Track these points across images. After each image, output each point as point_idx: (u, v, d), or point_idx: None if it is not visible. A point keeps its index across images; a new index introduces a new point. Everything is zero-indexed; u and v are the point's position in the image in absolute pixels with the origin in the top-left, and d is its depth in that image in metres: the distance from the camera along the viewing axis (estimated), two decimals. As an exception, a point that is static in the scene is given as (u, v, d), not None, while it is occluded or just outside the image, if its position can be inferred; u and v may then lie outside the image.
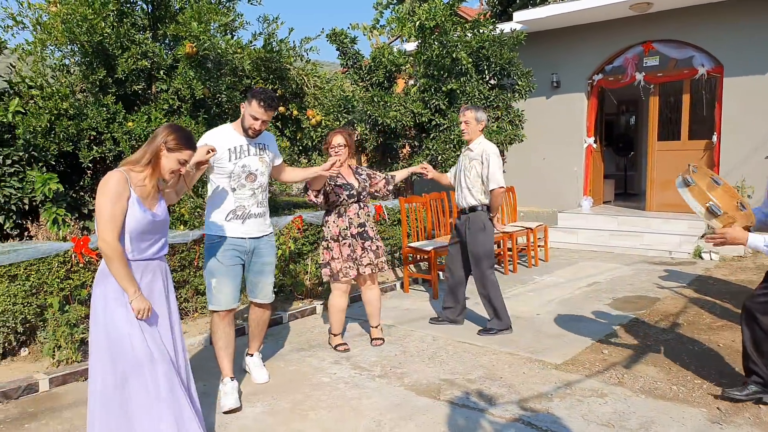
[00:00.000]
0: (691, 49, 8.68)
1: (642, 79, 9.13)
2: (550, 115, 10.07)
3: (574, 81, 9.83)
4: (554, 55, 9.95)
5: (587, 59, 9.68)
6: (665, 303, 5.55)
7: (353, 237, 4.36)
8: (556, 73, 9.95)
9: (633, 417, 3.26)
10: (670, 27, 8.79)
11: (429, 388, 3.73)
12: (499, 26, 9.31)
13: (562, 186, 10.00)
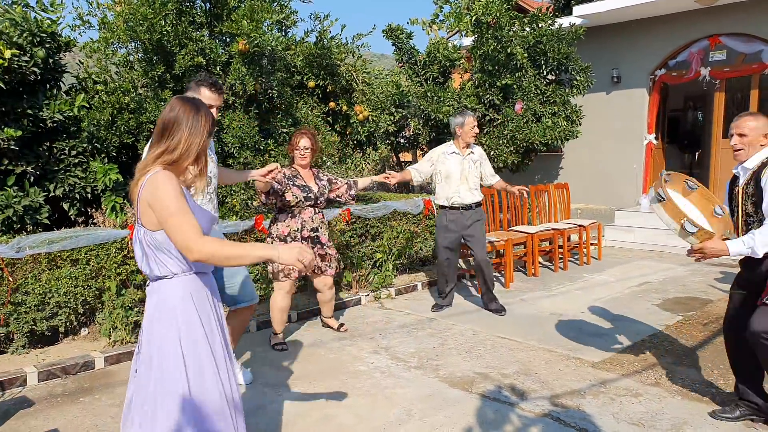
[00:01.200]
0: (761, 42, 8.22)
1: (707, 74, 8.74)
2: (610, 110, 9.80)
3: (635, 76, 9.52)
4: (614, 49, 9.67)
5: (649, 54, 9.35)
6: (717, 305, 5.35)
7: (303, 240, 4.27)
8: (616, 68, 9.67)
9: (665, 417, 3.20)
10: (739, 20, 8.36)
11: (462, 380, 3.79)
12: (558, 20, 9.14)
13: (620, 183, 9.72)
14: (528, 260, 6.86)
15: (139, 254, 1.98)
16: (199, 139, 1.96)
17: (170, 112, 1.95)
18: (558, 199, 8.04)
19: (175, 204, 1.84)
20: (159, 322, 1.94)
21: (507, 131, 8.39)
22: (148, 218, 1.89)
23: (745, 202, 2.97)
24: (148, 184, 1.87)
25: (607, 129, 9.78)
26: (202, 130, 1.96)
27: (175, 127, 1.93)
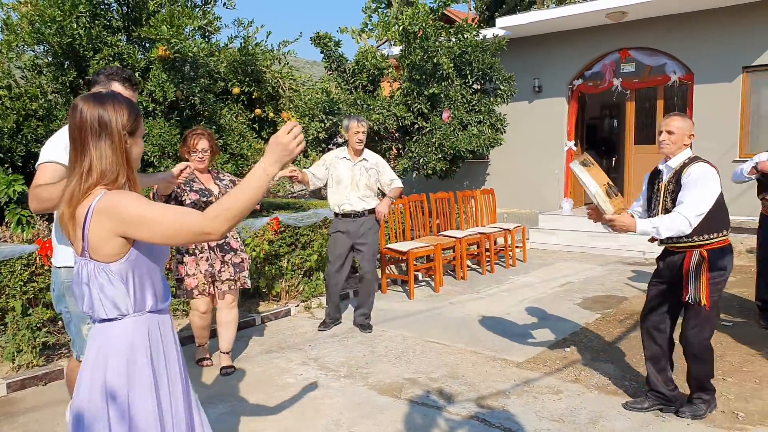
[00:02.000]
0: (664, 56, 8.82)
1: (619, 84, 9.26)
2: (533, 119, 10.18)
3: (556, 86, 9.94)
4: (536, 60, 10.06)
5: (568, 65, 9.79)
6: (632, 302, 5.64)
7: (211, 249, 3.97)
8: (538, 78, 10.06)
9: (583, 412, 3.34)
10: (645, 35, 8.92)
11: (391, 387, 3.80)
12: (483, 32, 9.43)
13: (543, 188, 10.10)
14: (457, 264, 7.00)
15: (81, 295, 1.72)
16: (119, 147, 1.69)
17: (75, 118, 1.67)
18: (485, 204, 8.25)
19: (149, 206, 1.61)
20: (99, 371, 1.67)
21: (435, 139, 8.55)
22: (106, 249, 1.63)
23: (665, 198, 3.19)
24: (100, 212, 1.61)
25: (530, 136, 10.15)
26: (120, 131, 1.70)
27: (87, 137, 1.66)
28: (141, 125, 1.78)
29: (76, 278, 1.73)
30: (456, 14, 15.38)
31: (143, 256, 1.70)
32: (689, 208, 2.95)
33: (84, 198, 1.65)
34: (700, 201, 2.96)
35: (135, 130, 1.75)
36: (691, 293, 3.08)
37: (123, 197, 1.63)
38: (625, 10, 8.44)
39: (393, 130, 9.10)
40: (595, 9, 8.55)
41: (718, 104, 8.38)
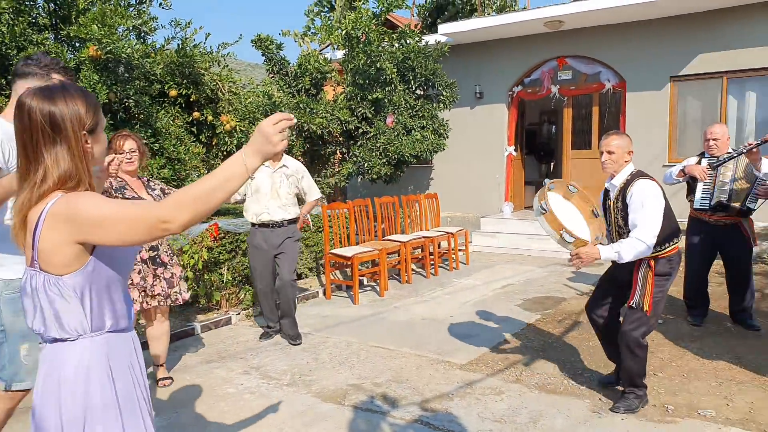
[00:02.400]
0: (598, 65, 9.18)
1: (557, 91, 9.56)
2: (475, 124, 10.36)
3: (496, 92, 10.16)
4: (478, 67, 10.26)
5: (508, 72, 10.03)
6: (570, 303, 5.81)
7: (144, 262, 3.79)
8: (479, 84, 10.26)
9: (524, 412, 3.40)
10: (580, 44, 9.25)
11: (335, 394, 3.76)
12: (425, 38, 9.53)
13: (485, 192, 10.30)
14: (402, 268, 7.03)
15: (31, 309, 1.51)
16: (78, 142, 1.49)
17: (23, 120, 1.46)
18: (429, 208, 8.33)
19: (108, 204, 1.42)
20: (50, 402, 1.48)
21: (379, 143, 8.58)
22: (59, 258, 1.43)
23: (616, 216, 3.37)
24: (55, 215, 1.41)
25: (472, 142, 10.33)
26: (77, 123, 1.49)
27: (39, 142, 1.46)
28: (101, 119, 1.57)
29: (24, 290, 1.52)
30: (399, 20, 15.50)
31: (103, 267, 1.50)
32: (643, 232, 3.12)
33: (38, 202, 1.46)
34: (652, 221, 3.14)
35: (95, 127, 1.53)
36: (636, 299, 3.29)
37: (80, 198, 1.44)
38: (562, 20, 8.72)
39: (337, 134, 9.07)
40: (533, 18, 8.81)
41: (648, 111, 8.78)
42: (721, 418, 3.27)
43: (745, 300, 4.84)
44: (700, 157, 4.88)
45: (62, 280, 1.45)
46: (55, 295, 1.46)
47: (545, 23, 8.87)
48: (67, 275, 1.45)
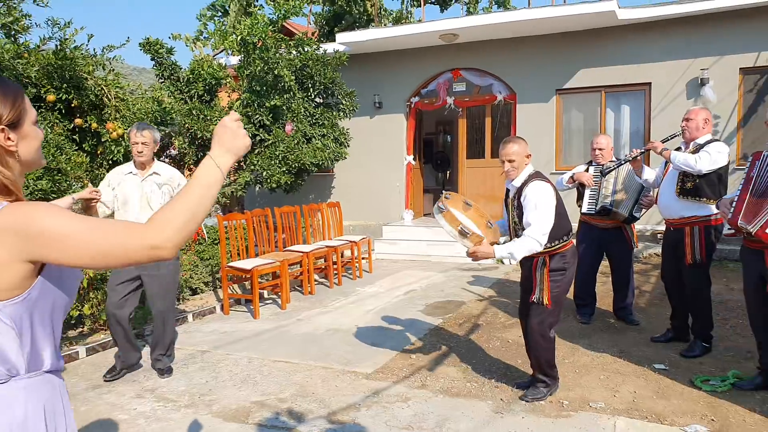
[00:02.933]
0: (491, 77, 9.63)
1: (452, 102, 9.91)
2: (374, 133, 10.47)
3: (395, 102, 10.34)
4: (376, 77, 10.39)
5: (406, 82, 10.24)
6: (470, 306, 6.00)
7: None
8: (378, 94, 10.38)
9: (431, 417, 3.44)
10: (474, 57, 9.66)
11: (238, 413, 3.60)
12: (324, 46, 9.51)
13: (387, 200, 10.42)
14: (304, 279, 6.91)
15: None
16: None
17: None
18: (331, 217, 8.28)
19: (72, 218, 1.17)
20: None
21: (279, 152, 8.42)
22: (2, 282, 1.17)
23: (512, 214, 3.59)
24: (1, 228, 1.16)
25: (372, 150, 10.43)
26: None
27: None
28: (27, 110, 1.29)
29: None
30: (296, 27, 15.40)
31: (48, 293, 1.25)
32: (535, 230, 3.33)
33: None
34: (543, 220, 3.35)
35: (19, 120, 1.26)
36: (537, 294, 3.52)
37: (36, 208, 1.18)
38: (456, 33, 9.04)
39: (234, 143, 8.78)
40: (428, 30, 9.06)
41: (536, 122, 9.31)
42: (610, 409, 3.49)
43: (627, 298, 5.23)
44: (588, 165, 5.23)
45: (4, 307, 1.19)
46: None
47: (440, 36, 9.15)
48: (5, 302, 1.19)
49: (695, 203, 4.23)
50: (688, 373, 3.97)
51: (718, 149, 4.13)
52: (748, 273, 3.62)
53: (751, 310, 3.68)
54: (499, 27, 8.82)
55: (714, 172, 4.15)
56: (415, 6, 15.83)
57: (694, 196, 4.22)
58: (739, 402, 3.51)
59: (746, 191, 3.42)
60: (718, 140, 4.31)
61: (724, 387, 3.70)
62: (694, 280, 4.33)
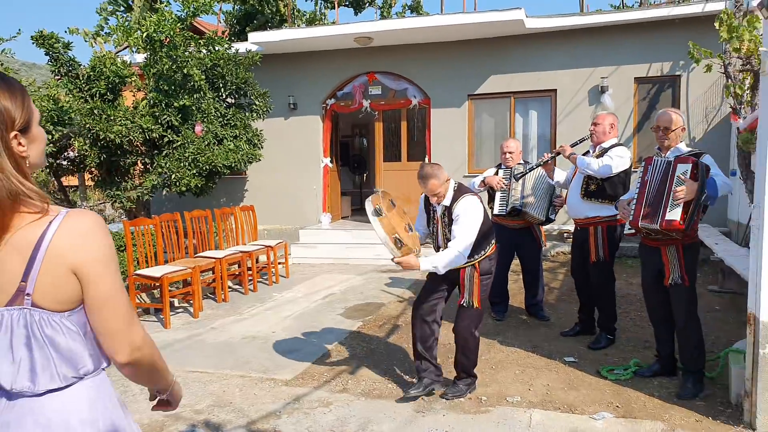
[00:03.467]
0: (405, 81, 9.76)
1: (368, 105, 9.94)
2: (289, 135, 10.31)
3: (310, 104, 10.23)
4: (291, 78, 10.24)
5: (321, 84, 10.17)
6: (389, 307, 6.03)
7: None
8: (293, 95, 10.23)
9: (353, 420, 3.41)
10: (389, 61, 9.75)
11: (151, 428, 3.40)
12: (235, 45, 9.26)
13: (303, 203, 10.28)
14: (217, 286, 6.67)
15: (10, 358, 1.20)
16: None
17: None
18: (245, 221, 8.05)
19: (115, 263, 1.26)
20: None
21: (188, 153, 8.10)
22: (63, 293, 1.20)
23: (444, 230, 3.67)
24: (71, 235, 1.19)
25: (287, 152, 10.26)
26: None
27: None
28: (34, 109, 1.23)
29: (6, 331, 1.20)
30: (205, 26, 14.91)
31: None
32: (459, 243, 3.45)
33: (18, 218, 1.16)
34: (467, 234, 3.47)
35: (29, 122, 1.20)
36: (466, 298, 3.62)
37: (101, 226, 1.23)
38: (371, 36, 9.09)
39: (138, 143, 8.38)
40: (343, 32, 9.05)
41: (450, 127, 9.53)
42: (526, 402, 3.61)
43: (538, 294, 5.46)
44: (497, 168, 5.41)
45: (63, 320, 1.23)
46: (59, 334, 1.22)
47: (355, 39, 9.17)
48: (70, 312, 1.24)
49: (599, 204, 4.49)
50: (595, 364, 4.19)
51: (620, 154, 4.41)
52: (646, 269, 3.88)
53: (649, 304, 3.95)
54: (412, 32, 8.95)
55: (616, 175, 4.42)
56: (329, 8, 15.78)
57: (598, 198, 4.48)
58: (640, 388, 3.75)
59: (643, 194, 3.66)
60: (622, 145, 4.60)
61: (626, 375, 3.95)
62: (598, 276, 4.60)
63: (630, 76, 8.72)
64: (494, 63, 9.25)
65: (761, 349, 3.13)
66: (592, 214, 4.54)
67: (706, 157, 3.57)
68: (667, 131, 3.70)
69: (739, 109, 6.54)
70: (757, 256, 3.17)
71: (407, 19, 9.63)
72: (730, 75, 6.56)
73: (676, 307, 3.68)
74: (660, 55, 8.55)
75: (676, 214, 3.41)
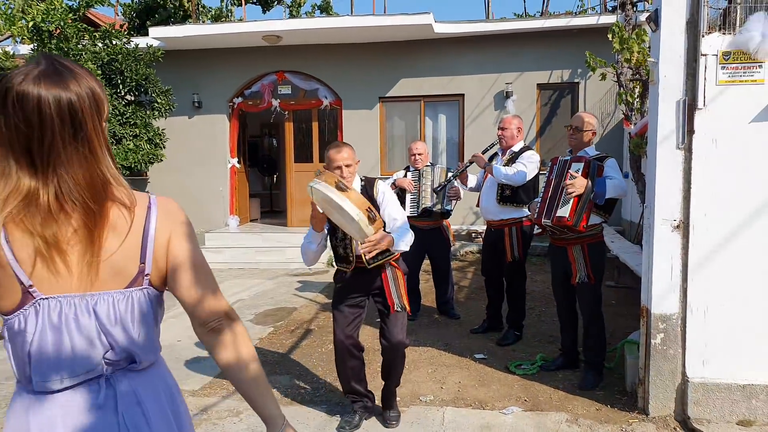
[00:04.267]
0: (316, 82, 9.67)
1: (277, 105, 9.74)
2: (194, 135, 9.90)
3: (216, 102, 9.88)
4: (196, 75, 9.84)
5: (228, 82, 9.84)
6: (301, 312, 5.91)
7: None
8: (197, 93, 9.84)
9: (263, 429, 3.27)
10: (299, 60, 9.61)
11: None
12: (135, 40, 8.76)
13: (209, 206, 9.90)
14: (117, 294, 6.25)
15: (135, 335, 1.25)
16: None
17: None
18: (146, 225, 7.62)
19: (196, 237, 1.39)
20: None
21: (84, 152, 7.55)
22: (163, 272, 1.28)
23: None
24: (167, 217, 1.30)
25: (192, 153, 9.86)
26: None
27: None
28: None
29: (109, 308, 1.22)
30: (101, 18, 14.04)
31: None
32: (403, 219, 3.19)
33: (113, 205, 1.21)
34: (401, 211, 3.25)
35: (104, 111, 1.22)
36: (396, 301, 3.20)
37: (181, 208, 1.39)
38: (280, 35, 8.92)
39: (27, 142, 7.70)
40: (251, 30, 8.81)
41: (362, 128, 9.54)
42: (438, 401, 3.65)
43: (448, 293, 5.56)
44: (406, 170, 5.46)
45: (158, 295, 1.31)
46: (149, 311, 1.28)
47: (263, 37, 8.95)
48: (162, 288, 1.31)
49: (513, 207, 4.66)
50: (504, 360, 4.32)
51: (531, 159, 4.60)
52: (554, 268, 4.05)
53: (557, 300, 4.12)
54: (322, 32, 8.88)
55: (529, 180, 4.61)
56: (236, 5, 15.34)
57: (512, 202, 4.64)
58: (545, 382, 3.90)
59: (547, 193, 3.82)
60: (531, 148, 4.79)
61: (533, 370, 4.09)
62: (512, 275, 4.77)
63: (533, 83, 9.12)
64: (405, 66, 9.37)
65: (653, 339, 3.34)
66: (507, 216, 4.70)
67: (610, 161, 3.75)
68: (577, 131, 3.87)
69: (630, 115, 7.01)
70: (648, 253, 3.39)
71: (317, 18, 9.56)
72: (622, 84, 7.02)
73: (582, 305, 3.86)
74: (560, 63, 9.01)
75: (566, 210, 3.58)
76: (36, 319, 1.16)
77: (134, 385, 1.30)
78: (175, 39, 9.13)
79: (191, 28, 9.10)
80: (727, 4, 3.34)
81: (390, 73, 9.42)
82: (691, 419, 3.23)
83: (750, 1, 3.32)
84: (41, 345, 1.17)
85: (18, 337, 1.18)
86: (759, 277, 3.24)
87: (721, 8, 3.36)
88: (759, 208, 3.28)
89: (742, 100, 3.20)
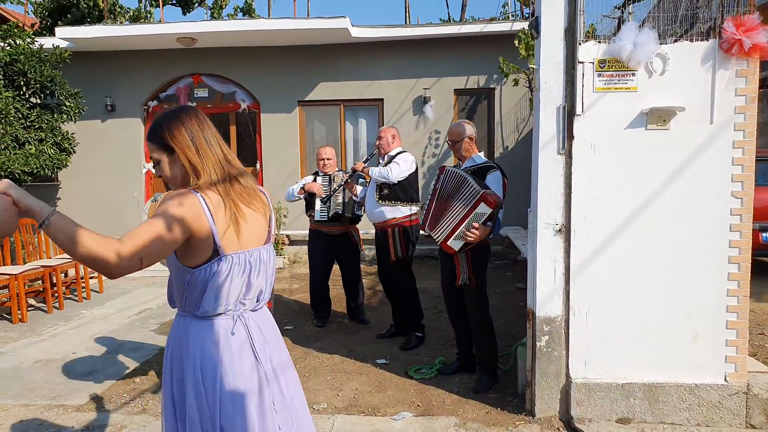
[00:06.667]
0: (233, 85, 9.51)
1: (195, 108, 9.49)
2: (107, 139, 9.53)
3: (130, 106, 9.54)
4: (108, 77, 9.48)
5: (142, 85, 9.53)
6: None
7: None
8: (110, 96, 9.48)
9: (145, 446, 3.18)
10: (215, 63, 9.42)
11: None
12: (40, 40, 8.35)
13: (123, 212, 9.53)
14: (13, 305, 5.91)
15: (269, 280, 1.93)
16: None
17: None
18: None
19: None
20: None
21: (-19, 157, 7.12)
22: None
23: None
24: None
25: (105, 157, 9.49)
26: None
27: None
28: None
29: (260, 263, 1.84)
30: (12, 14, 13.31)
31: None
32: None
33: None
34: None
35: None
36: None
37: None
38: (195, 37, 8.71)
39: None
40: (165, 32, 8.57)
41: (281, 132, 9.44)
42: (331, 408, 3.64)
43: (358, 298, 5.57)
44: (315, 175, 5.44)
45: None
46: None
47: (178, 39, 8.72)
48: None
49: (393, 207, 4.74)
50: (405, 365, 4.36)
51: (405, 159, 4.73)
52: (443, 271, 4.12)
53: (446, 302, 4.19)
54: (238, 34, 8.74)
55: (405, 179, 4.72)
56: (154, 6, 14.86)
57: (391, 200, 4.73)
58: (442, 386, 3.95)
59: (432, 202, 3.89)
60: (407, 152, 4.89)
61: (431, 374, 4.14)
62: (399, 276, 4.82)
63: (450, 88, 9.30)
64: (323, 70, 9.35)
65: (538, 341, 3.43)
66: (389, 216, 4.76)
67: (493, 174, 3.80)
68: (453, 144, 3.97)
69: (538, 121, 7.24)
70: (533, 257, 3.49)
71: (232, 21, 9.39)
72: (533, 89, 7.27)
73: (469, 307, 3.94)
74: (477, 69, 9.23)
75: (457, 245, 3.69)
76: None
77: (256, 321, 1.88)
78: (84, 40, 8.76)
79: (101, 29, 8.75)
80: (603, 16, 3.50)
81: (308, 77, 9.38)
82: (574, 419, 3.33)
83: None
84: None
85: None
86: (635, 278, 3.36)
87: (602, 15, 3.52)
88: (634, 212, 3.42)
89: (618, 107, 3.30)
